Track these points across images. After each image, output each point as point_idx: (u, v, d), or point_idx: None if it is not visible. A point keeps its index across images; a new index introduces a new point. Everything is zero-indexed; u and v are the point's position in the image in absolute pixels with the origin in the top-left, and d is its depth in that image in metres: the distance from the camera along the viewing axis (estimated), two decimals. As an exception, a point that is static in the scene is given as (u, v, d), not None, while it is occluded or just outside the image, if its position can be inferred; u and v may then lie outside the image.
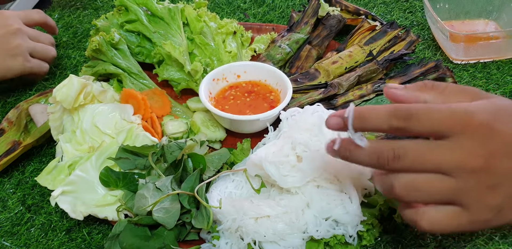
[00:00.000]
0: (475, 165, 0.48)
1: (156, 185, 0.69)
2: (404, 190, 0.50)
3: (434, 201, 0.51)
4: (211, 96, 0.89)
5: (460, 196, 0.50)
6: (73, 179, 0.73)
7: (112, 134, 0.81)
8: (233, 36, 1.01)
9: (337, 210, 0.65)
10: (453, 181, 0.49)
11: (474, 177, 0.49)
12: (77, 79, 0.81)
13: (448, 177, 0.49)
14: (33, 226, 0.76)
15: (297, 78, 0.91)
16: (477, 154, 0.48)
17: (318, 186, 0.67)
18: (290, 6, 1.19)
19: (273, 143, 0.72)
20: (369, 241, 0.66)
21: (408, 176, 0.50)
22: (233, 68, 0.91)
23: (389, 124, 0.49)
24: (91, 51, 0.92)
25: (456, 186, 0.49)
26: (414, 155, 0.49)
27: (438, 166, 0.49)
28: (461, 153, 0.48)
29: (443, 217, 0.51)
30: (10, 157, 0.83)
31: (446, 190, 0.50)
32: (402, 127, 0.49)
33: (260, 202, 0.67)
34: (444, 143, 0.49)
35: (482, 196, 0.50)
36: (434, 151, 0.49)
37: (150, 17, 0.96)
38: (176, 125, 0.86)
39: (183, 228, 0.70)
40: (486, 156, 0.48)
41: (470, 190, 0.49)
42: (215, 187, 0.74)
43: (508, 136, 0.49)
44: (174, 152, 0.74)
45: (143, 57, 0.98)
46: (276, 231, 0.64)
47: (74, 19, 1.21)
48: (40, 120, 0.87)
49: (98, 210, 0.72)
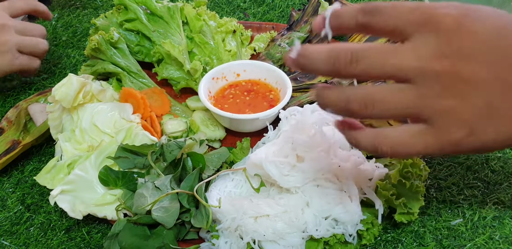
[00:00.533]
0: (440, 68, 0.41)
1: (155, 184, 0.69)
2: (361, 103, 0.44)
3: (394, 115, 0.45)
4: (211, 95, 0.89)
5: (423, 108, 0.43)
6: (72, 178, 0.73)
7: (112, 133, 0.80)
8: (233, 35, 1.01)
9: (337, 209, 0.65)
10: (415, 89, 0.42)
11: (439, 84, 0.41)
12: (76, 78, 0.81)
13: (409, 85, 0.43)
14: (32, 225, 0.76)
15: (297, 77, 0.91)
16: (442, 54, 0.41)
17: (318, 185, 0.67)
18: (290, 6, 1.19)
19: (273, 143, 0.71)
20: (369, 240, 0.66)
21: (365, 88, 0.45)
22: (232, 67, 0.91)
23: (356, 20, 0.44)
24: (90, 50, 0.92)
25: (418, 94, 0.42)
26: (373, 57, 0.43)
27: (399, 69, 0.42)
28: (425, 53, 0.41)
29: (407, 138, 0.45)
30: (9, 156, 0.83)
31: (407, 101, 0.43)
32: (366, 22, 0.44)
33: (260, 201, 0.67)
34: (407, 43, 0.43)
35: (449, 108, 0.42)
36: (395, 53, 0.42)
37: (149, 16, 0.96)
38: (176, 124, 0.85)
39: (183, 227, 0.70)
40: (452, 57, 0.41)
41: (434, 100, 0.42)
42: (215, 186, 0.73)
43: (479, 35, 0.41)
44: (173, 151, 0.74)
45: (143, 56, 0.98)
46: (276, 230, 0.64)
47: (73, 18, 1.21)
48: (39, 120, 0.87)
49: (97, 209, 0.72)
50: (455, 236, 0.69)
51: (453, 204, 0.73)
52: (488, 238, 0.68)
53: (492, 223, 0.70)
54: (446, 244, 0.68)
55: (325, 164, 0.66)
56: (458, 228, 0.70)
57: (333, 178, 0.67)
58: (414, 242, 0.69)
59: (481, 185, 0.76)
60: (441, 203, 0.74)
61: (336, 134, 0.72)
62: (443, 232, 0.70)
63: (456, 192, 0.75)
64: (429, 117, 0.43)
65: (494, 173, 0.77)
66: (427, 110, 0.43)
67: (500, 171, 0.77)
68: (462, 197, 0.74)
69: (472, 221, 0.71)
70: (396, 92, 0.43)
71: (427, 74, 0.42)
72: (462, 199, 0.74)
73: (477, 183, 0.76)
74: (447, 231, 0.70)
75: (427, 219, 0.71)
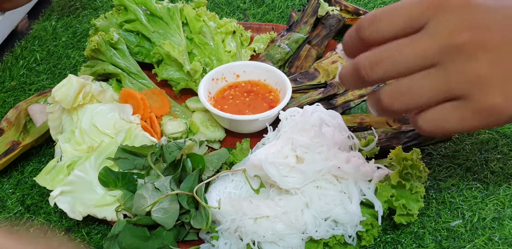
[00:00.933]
0: (460, 40, 0.41)
1: (155, 185, 0.69)
2: (390, 98, 0.45)
3: (427, 101, 0.44)
4: (210, 96, 0.89)
5: (455, 83, 0.43)
6: (72, 179, 0.73)
7: (111, 133, 0.80)
8: (233, 35, 1.01)
9: (337, 210, 0.65)
10: (442, 69, 0.43)
11: (464, 55, 0.42)
12: (76, 79, 0.81)
13: (434, 68, 0.43)
14: (32, 226, 0.76)
15: (297, 78, 0.91)
16: (459, 29, 0.42)
17: (318, 186, 0.67)
18: (289, 6, 1.19)
19: (272, 144, 0.71)
20: (369, 242, 0.66)
21: (391, 84, 0.45)
22: (232, 68, 0.91)
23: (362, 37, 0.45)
24: (90, 51, 0.92)
25: (446, 72, 0.43)
26: (391, 55, 0.43)
27: (423, 57, 0.43)
28: (441, 33, 0.42)
29: (444, 114, 0.44)
30: (9, 157, 0.83)
31: (435, 83, 0.43)
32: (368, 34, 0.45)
33: (259, 202, 0.67)
34: (422, 32, 0.43)
35: (480, 76, 0.42)
36: (412, 44, 0.43)
37: (149, 16, 0.96)
38: (175, 124, 0.85)
39: (182, 228, 0.70)
40: (469, 29, 0.42)
41: (463, 73, 0.42)
42: (214, 187, 0.73)
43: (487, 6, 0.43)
44: (173, 152, 0.74)
45: (142, 57, 0.98)
46: (275, 232, 0.64)
47: (73, 19, 1.21)
48: (39, 120, 0.87)
49: (97, 210, 0.72)
50: (454, 237, 0.69)
51: (453, 205, 0.73)
52: (487, 239, 0.68)
53: (491, 224, 0.70)
54: (445, 245, 0.68)
55: (325, 165, 0.66)
56: (457, 229, 0.70)
57: (332, 179, 0.67)
58: (413, 244, 0.69)
59: (481, 186, 0.76)
60: (440, 204, 0.74)
61: (336, 135, 0.72)
62: (442, 233, 0.70)
63: (455, 193, 0.75)
64: (462, 91, 0.43)
65: (493, 174, 0.77)
66: (459, 84, 0.43)
67: (500, 172, 0.77)
68: (461, 198, 0.74)
69: (472, 222, 0.71)
70: (423, 78, 0.43)
71: (450, 50, 0.42)
72: (461, 200, 0.74)
73: (476, 184, 0.76)
74: (447, 232, 0.70)
75: (427, 220, 0.72)
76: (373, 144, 0.74)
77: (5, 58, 1.10)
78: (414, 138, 0.76)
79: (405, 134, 0.77)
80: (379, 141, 0.77)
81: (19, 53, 1.10)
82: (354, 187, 0.67)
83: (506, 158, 0.80)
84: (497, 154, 0.80)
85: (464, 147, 0.82)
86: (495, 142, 0.82)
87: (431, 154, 0.82)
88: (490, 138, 0.83)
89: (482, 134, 0.84)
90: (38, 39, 1.14)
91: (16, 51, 1.11)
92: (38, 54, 1.10)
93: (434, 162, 0.80)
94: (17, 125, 0.88)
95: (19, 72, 1.05)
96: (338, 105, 0.87)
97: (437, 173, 0.78)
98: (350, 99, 0.87)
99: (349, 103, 0.87)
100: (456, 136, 0.84)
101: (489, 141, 0.83)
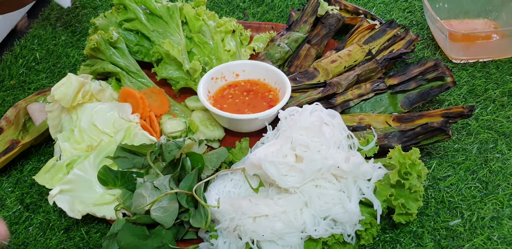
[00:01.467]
0: None
1: (154, 184, 0.69)
2: None
3: None
4: (210, 95, 0.89)
5: None
6: (71, 177, 0.73)
7: (111, 132, 0.80)
8: (232, 35, 1.01)
9: (336, 209, 0.65)
10: None
11: None
12: (76, 78, 0.81)
13: None
14: (31, 225, 0.76)
15: (296, 77, 0.91)
16: None
17: (317, 186, 0.67)
18: (289, 6, 1.19)
19: (272, 143, 0.71)
20: (367, 241, 0.66)
21: None
22: (232, 67, 0.91)
23: None
24: (90, 49, 0.92)
25: None
26: None
27: None
28: None
29: None
30: (8, 155, 0.83)
31: None
32: None
33: (259, 201, 0.67)
34: None
35: None
36: None
37: (148, 15, 0.96)
38: (175, 123, 0.85)
39: (181, 227, 0.70)
40: None
41: None
42: (214, 186, 0.74)
43: None
44: (172, 151, 0.74)
45: (142, 56, 0.98)
46: (274, 230, 0.64)
47: (73, 18, 1.21)
48: (39, 119, 0.87)
49: (96, 209, 0.72)
50: (453, 236, 0.69)
51: (452, 204, 0.73)
52: (486, 238, 0.68)
53: (490, 223, 0.70)
54: (444, 245, 0.68)
55: (324, 164, 0.66)
56: (456, 228, 0.70)
57: (332, 178, 0.67)
58: (412, 243, 0.69)
59: (480, 185, 0.76)
60: (439, 204, 0.74)
61: (335, 134, 0.72)
62: (441, 233, 0.70)
63: (454, 192, 0.75)
64: None
65: (492, 173, 0.77)
66: None
67: (499, 172, 0.78)
68: (460, 197, 0.74)
69: (471, 222, 0.71)
70: None
71: None
72: (460, 199, 0.74)
73: (475, 183, 0.76)
74: (446, 232, 0.70)
75: (426, 219, 0.72)
76: (373, 143, 0.74)
77: (4, 57, 1.10)
78: (413, 137, 0.76)
79: (404, 133, 0.77)
80: (378, 140, 0.77)
81: (19, 52, 1.10)
82: (353, 186, 0.67)
83: (505, 158, 0.80)
84: (496, 153, 0.81)
85: (464, 147, 0.82)
86: (494, 142, 0.82)
87: (430, 153, 0.82)
88: (490, 138, 0.83)
89: (482, 134, 0.84)
90: (37, 38, 1.14)
91: (15, 50, 1.11)
92: (37, 53, 1.10)
93: (433, 161, 0.80)
94: (16, 123, 0.88)
95: (18, 71, 1.05)
96: (338, 104, 0.87)
97: (436, 172, 0.78)
98: (349, 99, 0.87)
99: (349, 102, 0.87)
100: (455, 135, 0.84)
101: (488, 140, 0.83)
